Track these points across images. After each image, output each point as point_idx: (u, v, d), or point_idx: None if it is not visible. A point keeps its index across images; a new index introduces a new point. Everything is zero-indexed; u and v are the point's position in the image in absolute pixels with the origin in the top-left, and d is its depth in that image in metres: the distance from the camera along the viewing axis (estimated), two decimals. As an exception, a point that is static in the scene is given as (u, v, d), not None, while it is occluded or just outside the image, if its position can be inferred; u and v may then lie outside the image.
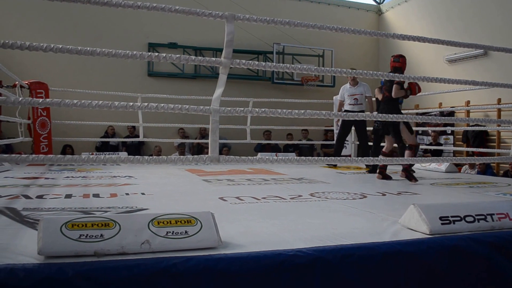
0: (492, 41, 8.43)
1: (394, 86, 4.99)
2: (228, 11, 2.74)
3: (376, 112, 5.82)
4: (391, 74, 3.39)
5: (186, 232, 1.91)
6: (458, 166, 8.18)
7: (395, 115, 3.87)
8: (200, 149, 10.48)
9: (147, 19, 10.76)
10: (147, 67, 11.13)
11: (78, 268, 1.62)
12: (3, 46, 2.23)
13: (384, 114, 3.43)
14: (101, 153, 8.43)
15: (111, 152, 8.86)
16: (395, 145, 5.42)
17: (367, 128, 7.01)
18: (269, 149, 10.21)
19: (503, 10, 9.67)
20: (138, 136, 8.40)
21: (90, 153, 7.25)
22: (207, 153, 2.42)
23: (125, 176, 4.96)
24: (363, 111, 6.84)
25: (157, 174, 5.30)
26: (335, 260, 1.94)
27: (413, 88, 5.01)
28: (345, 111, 6.90)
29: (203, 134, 10.54)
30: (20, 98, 2.42)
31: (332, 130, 8.76)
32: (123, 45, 9.61)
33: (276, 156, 7.31)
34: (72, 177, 4.85)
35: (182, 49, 11.23)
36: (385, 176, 5.16)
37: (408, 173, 5.02)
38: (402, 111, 5.48)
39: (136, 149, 10.07)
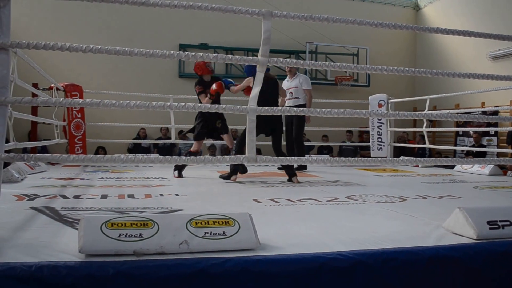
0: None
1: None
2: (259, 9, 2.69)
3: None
4: (429, 71, 3.25)
5: (224, 233, 1.90)
6: (503, 169, 7.85)
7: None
8: (230, 151, 10.47)
9: (177, 20, 10.84)
10: (178, 68, 11.21)
11: (119, 267, 1.64)
12: (44, 48, 2.26)
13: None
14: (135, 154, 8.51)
15: (144, 154, 8.92)
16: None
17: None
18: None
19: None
20: (170, 138, 8.45)
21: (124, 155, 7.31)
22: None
23: (158, 178, 5.00)
24: (301, 106, 6.17)
25: (190, 175, 5.32)
26: (376, 264, 1.89)
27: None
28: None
29: (234, 136, 10.53)
30: (61, 99, 2.46)
31: (368, 132, 8.60)
32: (154, 46, 9.66)
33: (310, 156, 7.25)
34: (107, 178, 4.92)
35: (213, 49, 11.26)
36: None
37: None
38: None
39: (168, 151, 10.14)
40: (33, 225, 2.34)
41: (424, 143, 7.77)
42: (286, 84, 6.37)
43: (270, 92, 4.87)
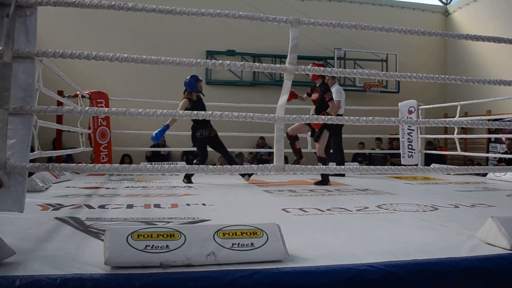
0: None
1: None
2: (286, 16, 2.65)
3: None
4: (461, 78, 3.14)
5: (252, 244, 1.85)
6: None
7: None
8: (258, 159, 10.42)
9: (204, 27, 10.89)
10: (205, 75, 11.24)
11: (145, 279, 1.61)
12: (70, 56, 2.27)
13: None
14: (161, 163, 8.47)
15: (169, 162, 8.88)
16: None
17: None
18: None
19: None
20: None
21: (149, 163, 7.30)
22: (266, 163, 2.34)
23: (184, 186, 4.98)
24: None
25: (216, 184, 5.29)
26: (408, 276, 1.83)
27: None
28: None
29: (261, 144, 10.49)
30: (87, 108, 2.47)
31: (398, 139, 8.41)
32: (181, 53, 9.72)
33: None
34: (132, 187, 4.90)
35: (240, 56, 11.28)
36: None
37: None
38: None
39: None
40: (58, 236, 2.33)
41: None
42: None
43: None
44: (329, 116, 2.49)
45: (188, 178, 5.47)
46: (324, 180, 5.30)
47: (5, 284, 1.52)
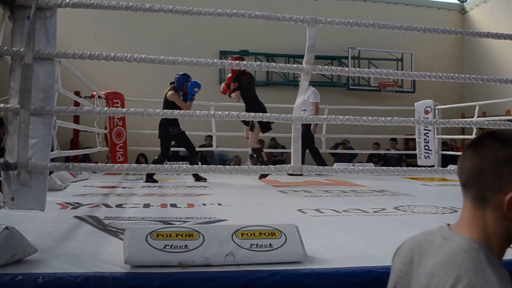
0: None
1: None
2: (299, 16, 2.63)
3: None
4: (479, 77, 3.08)
5: (270, 244, 1.84)
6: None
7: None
8: (272, 161, 10.38)
9: (218, 27, 10.86)
10: (219, 75, 11.20)
11: (164, 279, 1.62)
12: (89, 57, 2.30)
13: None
14: (177, 162, 8.50)
15: (184, 162, 8.88)
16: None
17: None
18: (345, 159, 9.89)
19: None
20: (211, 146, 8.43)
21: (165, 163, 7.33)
22: (280, 163, 2.33)
23: (199, 186, 4.99)
24: None
25: (231, 184, 5.29)
26: (430, 280, 1.79)
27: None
28: None
29: (273, 145, 10.44)
30: (105, 109, 2.50)
31: (413, 139, 8.33)
32: (194, 53, 9.69)
33: (353, 166, 7.10)
34: (148, 186, 4.93)
35: (253, 56, 11.23)
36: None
37: None
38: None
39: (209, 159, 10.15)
40: (78, 235, 2.36)
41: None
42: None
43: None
44: (347, 117, 2.47)
45: (196, 177, 5.53)
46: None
47: (28, 281, 1.55)
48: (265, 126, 5.61)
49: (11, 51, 2.12)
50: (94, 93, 6.77)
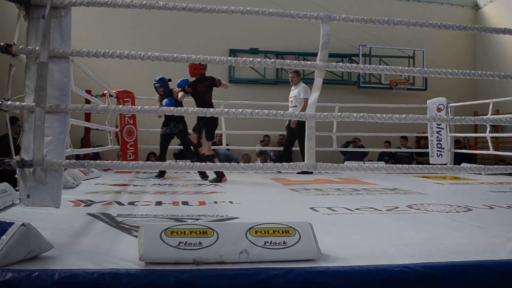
0: None
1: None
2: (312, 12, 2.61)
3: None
4: (495, 73, 3.03)
5: (284, 242, 1.84)
6: None
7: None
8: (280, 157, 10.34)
9: (227, 25, 10.85)
10: (228, 73, 11.21)
11: (179, 275, 1.62)
12: (104, 56, 2.30)
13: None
14: (185, 160, 8.47)
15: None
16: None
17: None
18: (356, 157, 9.83)
19: None
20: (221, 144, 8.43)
21: (174, 161, 7.35)
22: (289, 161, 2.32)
23: (210, 184, 5.01)
24: None
25: (242, 182, 5.29)
26: (445, 278, 1.79)
27: None
28: None
29: (282, 140, 10.40)
30: (120, 107, 2.51)
31: (425, 137, 8.26)
32: (204, 51, 9.65)
33: (364, 164, 7.06)
34: (159, 184, 4.95)
35: (263, 54, 11.21)
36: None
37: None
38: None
39: (218, 157, 10.12)
40: (91, 232, 2.37)
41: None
42: (290, 92, 6.96)
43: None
44: (361, 114, 2.45)
45: (203, 174, 5.53)
46: (218, 176, 5.25)
47: (45, 277, 1.56)
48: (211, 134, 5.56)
49: (26, 49, 2.14)
50: (105, 91, 6.80)
